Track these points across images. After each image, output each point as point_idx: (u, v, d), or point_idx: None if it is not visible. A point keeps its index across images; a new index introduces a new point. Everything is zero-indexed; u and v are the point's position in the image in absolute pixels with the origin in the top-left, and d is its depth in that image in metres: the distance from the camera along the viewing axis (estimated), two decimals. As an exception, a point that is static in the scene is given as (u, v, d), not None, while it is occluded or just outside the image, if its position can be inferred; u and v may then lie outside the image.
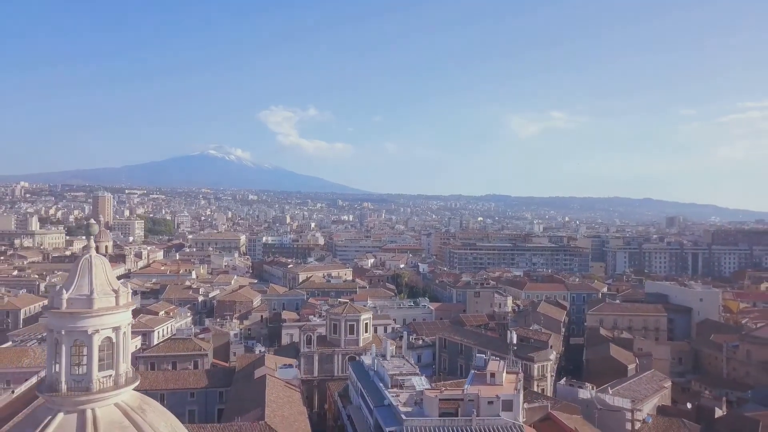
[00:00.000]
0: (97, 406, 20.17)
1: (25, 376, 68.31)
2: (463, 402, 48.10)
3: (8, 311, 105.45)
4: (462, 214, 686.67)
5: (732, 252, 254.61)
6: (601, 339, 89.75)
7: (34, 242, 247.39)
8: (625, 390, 66.08)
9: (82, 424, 19.55)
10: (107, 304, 20.77)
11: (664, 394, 70.34)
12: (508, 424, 46.13)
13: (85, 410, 19.91)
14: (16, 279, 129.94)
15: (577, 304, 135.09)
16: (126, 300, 21.66)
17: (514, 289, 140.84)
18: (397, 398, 50.94)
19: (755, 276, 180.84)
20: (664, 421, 62.32)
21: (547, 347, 76.69)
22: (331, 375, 75.90)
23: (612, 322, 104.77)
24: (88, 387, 20.18)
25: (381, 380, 56.09)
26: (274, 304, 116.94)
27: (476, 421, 46.17)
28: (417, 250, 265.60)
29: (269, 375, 59.86)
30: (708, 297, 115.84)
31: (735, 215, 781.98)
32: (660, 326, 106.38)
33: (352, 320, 78.55)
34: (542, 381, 74.20)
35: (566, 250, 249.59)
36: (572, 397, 65.42)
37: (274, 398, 53.13)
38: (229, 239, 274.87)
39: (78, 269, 21.05)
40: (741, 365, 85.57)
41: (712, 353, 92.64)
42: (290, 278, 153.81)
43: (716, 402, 66.92)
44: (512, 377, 53.75)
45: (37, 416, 20.10)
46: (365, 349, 73.15)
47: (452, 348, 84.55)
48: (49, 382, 20.77)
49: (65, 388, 20.08)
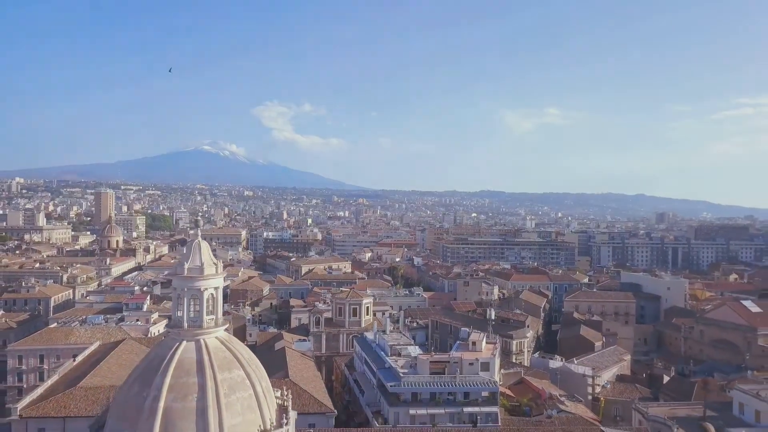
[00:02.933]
0: (206, 337, 30.93)
1: (72, 351, 78.96)
2: (449, 364, 59.57)
3: (39, 299, 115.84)
4: (456, 210, 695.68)
5: (710, 246, 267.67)
6: (574, 321, 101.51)
7: (42, 237, 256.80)
8: (589, 361, 77.83)
9: (199, 347, 30.42)
10: (211, 272, 31.54)
11: (624, 365, 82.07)
12: (485, 380, 57.58)
13: (199, 339, 30.70)
14: (41, 270, 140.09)
15: (559, 293, 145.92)
16: (221, 270, 32.54)
17: (502, 279, 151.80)
18: (396, 362, 62.17)
19: (727, 268, 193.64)
20: (620, 385, 74.30)
21: (525, 326, 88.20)
22: (338, 351, 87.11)
23: (587, 308, 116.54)
24: (200, 324, 31.04)
25: (382, 350, 67.26)
26: (282, 292, 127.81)
27: (459, 378, 57.65)
28: (412, 245, 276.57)
29: (287, 347, 70.92)
30: (675, 286, 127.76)
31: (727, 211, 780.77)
32: (629, 311, 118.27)
33: (355, 304, 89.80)
34: (520, 355, 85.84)
35: (553, 244, 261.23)
36: (544, 367, 77.21)
37: (294, 364, 64.20)
38: (230, 234, 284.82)
39: (192, 248, 31.85)
40: (696, 344, 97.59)
41: (672, 334, 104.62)
42: (293, 270, 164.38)
43: (665, 371, 78.74)
44: (490, 346, 65.32)
45: (168, 343, 30.90)
46: (366, 329, 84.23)
47: (443, 329, 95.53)
48: (174, 321, 31.69)
49: (186, 325, 31.00)
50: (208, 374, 29.47)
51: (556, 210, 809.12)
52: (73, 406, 52.89)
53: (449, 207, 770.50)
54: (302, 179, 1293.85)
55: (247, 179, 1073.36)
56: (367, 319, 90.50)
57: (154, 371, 29.63)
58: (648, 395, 68.85)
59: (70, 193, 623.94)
